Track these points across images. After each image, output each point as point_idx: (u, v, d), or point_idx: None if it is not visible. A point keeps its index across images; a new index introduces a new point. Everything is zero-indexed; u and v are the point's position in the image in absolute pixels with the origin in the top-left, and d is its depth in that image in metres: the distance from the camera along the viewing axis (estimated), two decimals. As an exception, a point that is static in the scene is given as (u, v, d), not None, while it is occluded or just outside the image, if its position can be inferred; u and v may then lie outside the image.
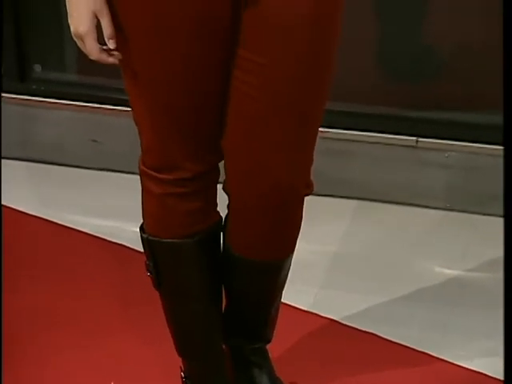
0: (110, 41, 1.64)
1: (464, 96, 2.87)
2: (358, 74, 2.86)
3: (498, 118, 2.78)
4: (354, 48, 2.69)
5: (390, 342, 2.30)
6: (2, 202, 2.78)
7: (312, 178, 1.82)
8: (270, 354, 2.06)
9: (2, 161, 2.97)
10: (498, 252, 2.61)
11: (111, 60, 1.67)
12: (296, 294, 2.20)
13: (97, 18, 1.63)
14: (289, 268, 1.94)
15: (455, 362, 2.23)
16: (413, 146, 2.82)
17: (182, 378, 2.05)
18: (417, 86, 2.92)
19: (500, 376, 2.16)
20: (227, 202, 1.85)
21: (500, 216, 2.75)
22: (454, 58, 2.88)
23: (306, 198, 1.83)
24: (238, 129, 1.75)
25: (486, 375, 2.20)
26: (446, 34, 2.85)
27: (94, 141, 2.99)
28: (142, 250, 1.92)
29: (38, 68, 3.05)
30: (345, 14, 1.72)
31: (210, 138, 1.78)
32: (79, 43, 1.67)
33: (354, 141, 2.85)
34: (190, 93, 1.72)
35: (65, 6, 1.67)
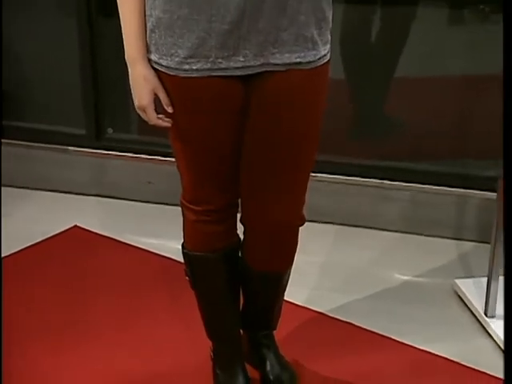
0: (169, 107, 1.63)
1: (415, 150, 2.84)
2: (339, 134, 2.84)
3: (441, 167, 2.77)
4: (335, 115, 2.66)
5: (364, 329, 2.26)
6: (80, 225, 2.78)
7: (305, 210, 1.80)
8: (275, 338, 2.04)
9: (79, 196, 2.98)
10: (440, 262, 2.59)
11: (164, 124, 1.66)
12: (293, 293, 2.16)
13: (154, 93, 1.62)
14: (289, 276, 1.93)
15: (416, 346, 2.19)
16: (379, 186, 2.78)
17: (210, 355, 2.02)
18: (381, 143, 2.89)
19: (452, 356, 2.13)
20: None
21: (441, 237, 2.73)
22: (408, 121, 2.83)
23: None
24: (249, 178, 1.75)
25: (442, 357, 2.15)
26: (403, 104, 2.82)
27: (150, 182, 2.97)
28: (182, 261, 1.91)
29: (110, 130, 3.04)
30: (328, 90, 1.71)
31: (230, 182, 1.77)
32: (141, 113, 1.66)
33: (337, 182, 2.81)
34: (214, 150, 1.71)
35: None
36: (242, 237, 1.87)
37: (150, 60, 1.61)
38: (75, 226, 2.80)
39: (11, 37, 3.01)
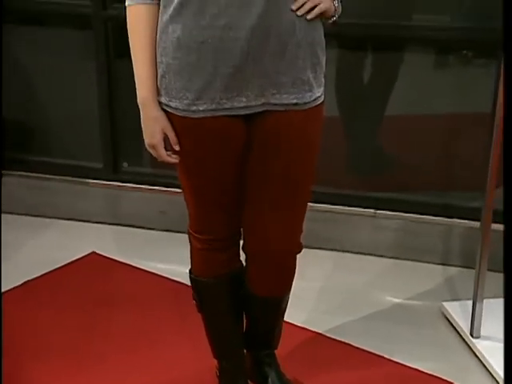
0: (176, 146, 1.63)
1: (405, 182, 2.83)
2: (336, 167, 2.84)
3: (429, 198, 2.76)
4: (332, 150, 2.67)
5: (358, 348, 2.24)
6: (98, 252, 2.77)
7: (302, 237, 1.79)
8: (277, 356, 2.02)
9: (96, 224, 2.97)
10: (429, 286, 2.57)
11: (172, 161, 1.66)
12: (293, 315, 2.15)
13: (164, 133, 1.62)
14: (288, 299, 1.92)
15: (406, 364, 2.17)
16: (372, 216, 2.77)
17: (216, 373, 2.00)
18: (374, 175, 2.88)
19: (440, 374, 2.11)
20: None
21: (429, 263, 2.71)
22: (399, 156, 2.83)
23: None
24: (251, 208, 1.74)
25: (431, 374, 2.13)
26: (394, 140, 2.82)
27: (161, 212, 2.96)
28: (190, 285, 1.90)
29: (125, 164, 3.04)
30: (323, 128, 1.71)
31: (233, 213, 1.77)
32: (151, 151, 1.66)
33: (332, 212, 2.80)
34: (218, 184, 1.72)
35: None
36: (244, 264, 1.86)
37: (160, 102, 1.61)
38: (93, 252, 2.80)
39: (35, 76, 3.04)
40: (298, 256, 1.81)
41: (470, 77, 2.65)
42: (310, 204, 1.78)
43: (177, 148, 1.63)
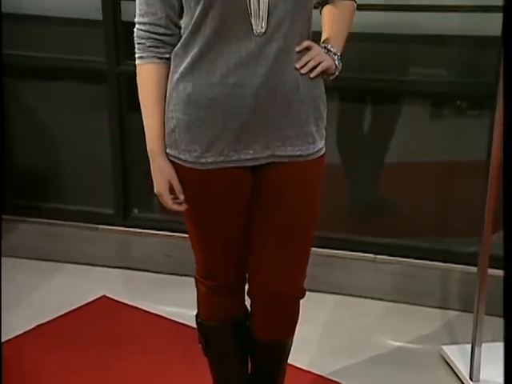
0: (181, 195, 1.64)
1: (404, 227, 2.83)
2: (337, 213, 2.85)
3: (428, 243, 2.76)
4: (334, 196, 2.68)
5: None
6: (108, 295, 2.76)
7: (306, 282, 1.78)
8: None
9: (107, 268, 2.97)
10: (428, 330, 2.54)
11: (179, 209, 1.67)
12: (297, 358, 2.12)
13: (170, 183, 1.63)
14: (291, 344, 1.89)
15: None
16: (372, 260, 2.77)
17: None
18: (374, 221, 2.88)
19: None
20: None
21: (429, 307, 2.69)
22: (398, 202, 2.84)
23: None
24: (255, 255, 1.74)
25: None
26: (393, 186, 2.83)
27: (169, 256, 2.96)
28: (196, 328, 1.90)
29: (135, 210, 3.05)
30: (324, 178, 1.72)
31: (238, 259, 1.77)
32: (159, 198, 1.67)
33: (334, 256, 2.80)
34: (224, 232, 1.72)
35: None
36: (249, 309, 1.85)
37: (168, 154, 1.63)
38: (104, 296, 2.79)
39: (50, 127, 3.07)
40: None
41: (465, 126, 2.68)
42: (312, 248, 1.78)
43: (181, 197, 1.64)
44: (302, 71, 1.59)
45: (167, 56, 1.59)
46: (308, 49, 1.60)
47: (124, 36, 2.76)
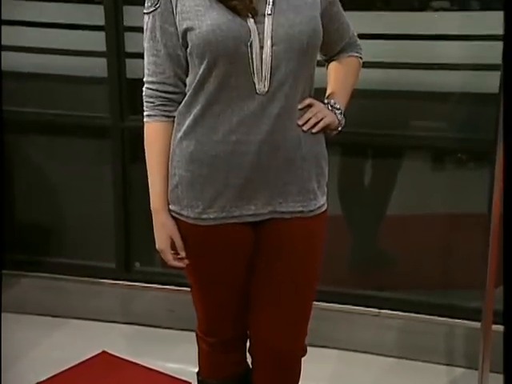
0: (182, 252, 1.64)
1: (407, 281, 2.81)
2: (339, 266, 2.83)
3: (431, 298, 2.73)
4: (336, 250, 2.67)
5: None
6: (108, 351, 2.73)
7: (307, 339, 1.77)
8: None
9: (108, 323, 2.94)
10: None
11: (180, 265, 1.67)
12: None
13: (172, 239, 1.64)
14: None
15: None
16: (376, 315, 2.74)
17: None
18: (377, 274, 2.87)
19: None
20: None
21: (433, 363, 2.65)
22: (400, 255, 2.83)
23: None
24: (256, 311, 1.73)
25: None
26: (395, 239, 2.82)
27: (171, 310, 2.94)
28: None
29: (137, 264, 3.04)
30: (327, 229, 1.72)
31: (239, 315, 1.76)
32: (161, 254, 1.67)
33: (337, 311, 2.77)
34: (226, 288, 1.72)
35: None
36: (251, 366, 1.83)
37: (171, 210, 1.64)
38: (103, 351, 2.75)
39: (52, 180, 3.09)
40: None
41: (465, 179, 2.69)
42: (314, 303, 1.76)
43: (182, 254, 1.65)
44: (304, 128, 1.61)
45: (175, 114, 1.61)
46: (310, 106, 1.62)
47: (128, 92, 2.81)
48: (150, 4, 1.56)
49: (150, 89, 1.61)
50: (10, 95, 2.91)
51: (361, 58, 1.77)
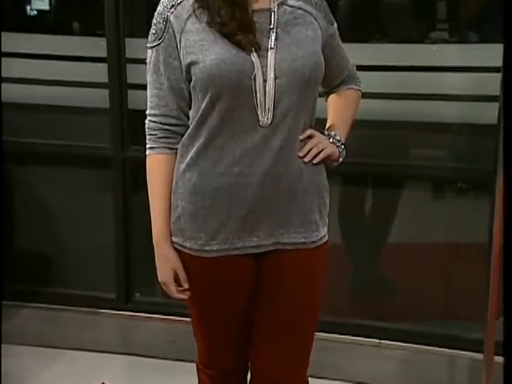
0: (185, 284, 1.64)
1: (408, 311, 2.81)
2: (340, 297, 2.83)
3: (432, 328, 2.72)
4: (336, 280, 2.67)
5: None
6: (106, 383, 2.71)
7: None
8: None
9: (108, 354, 2.91)
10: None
11: (183, 297, 1.66)
12: None
13: (174, 271, 1.63)
14: None
15: None
16: (376, 346, 2.73)
17: None
18: (378, 304, 2.86)
19: None
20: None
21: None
22: (402, 284, 2.83)
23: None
24: (256, 345, 1.72)
25: None
26: (397, 268, 2.82)
27: (172, 341, 2.92)
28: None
29: (137, 295, 3.03)
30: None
31: (241, 347, 1.75)
32: (164, 286, 1.66)
33: (337, 341, 2.76)
34: (227, 320, 1.71)
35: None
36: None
37: (173, 242, 1.63)
38: (103, 383, 2.73)
39: (54, 210, 3.09)
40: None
41: (466, 207, 2.70)
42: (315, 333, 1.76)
43: (186, 286, 1.64)
44: (306, 159, 1.61)
45: (177, 146, 1.61)
46: (310, 137, 1.63)
47: (129, 122, 2.83)
48: (153, 38, 1.58)
49: (153, 121, 1.62)
50: (16, 126, 2.94)
51: (360, 90, 1.79)
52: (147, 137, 1.64)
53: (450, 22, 2.70)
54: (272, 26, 1.54)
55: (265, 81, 1.52)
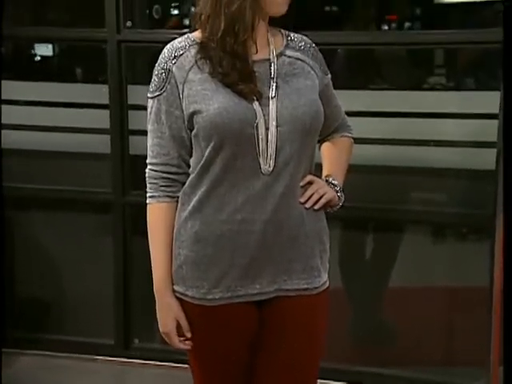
0: (188, 333, 1.62)
1: (408, 356, 2.78)
2: (340, 343, 2.81)
3: (433, 375, 2.69)
4: (334, 328, 2.65)
5: None
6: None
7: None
8: None
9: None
10: None
11: (185, 347, 1.64)
12: None
13: (177, 321, 1.62)
14: None
15: None
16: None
17: None
18: (378, 350, 2.84)
19: None
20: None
21: None
22: (402, 329, 2.81)
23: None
24: None
25: None
26: (397, 312, 2.81)
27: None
28: None
29: (136, 341, 3.01)
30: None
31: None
32: (165, 337, 1.65)
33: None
34: (227, 370, 1.68)
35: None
36: None
37: (175, 291, 1.62)
38: (101, 432, 2.70)
39: (53, 255, 3.09)
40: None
41: (466, 250, 2.71)
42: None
43: (188, 335, 1.62)
44: (307, 205, 1.62)
45: (178, 194, 1.61)
46: (311, 183, 1.64)
47: (130, 168, 2.85)
48: (155, 88, 1.59)
49: (154, 170, 1.62)
50: (19, 172, 2.96)
51: (352, 137, 1.82)
52: (148, 185, 1.63)
53: (447, 67, 2.75)
54: (272, 76, 1.57)
55: (267, 129, 1.53)
